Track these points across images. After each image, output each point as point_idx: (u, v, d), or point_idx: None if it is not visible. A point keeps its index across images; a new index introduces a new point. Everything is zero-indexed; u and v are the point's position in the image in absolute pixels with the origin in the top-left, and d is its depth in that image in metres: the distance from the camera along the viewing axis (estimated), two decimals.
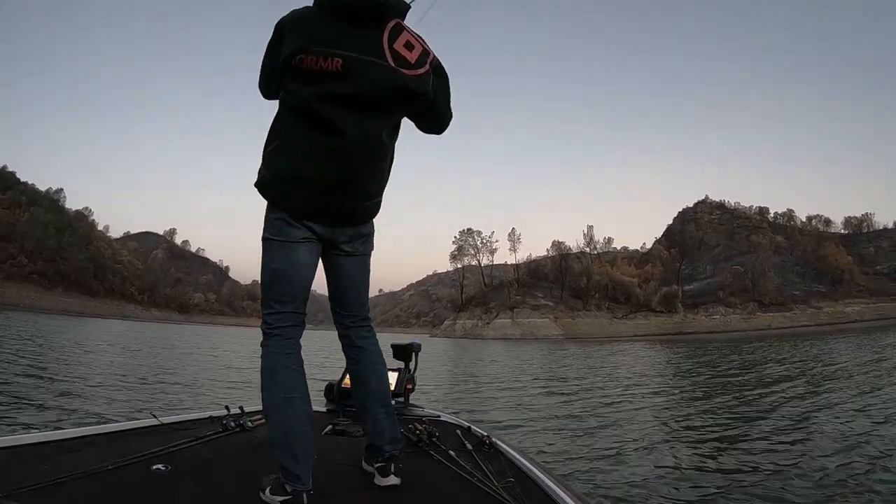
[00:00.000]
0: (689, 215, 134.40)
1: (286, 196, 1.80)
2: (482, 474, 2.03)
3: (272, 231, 1.83)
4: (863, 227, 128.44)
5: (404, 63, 1.79)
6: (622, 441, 6.36)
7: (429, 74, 1.85)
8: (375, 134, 1.81)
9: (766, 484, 4.56)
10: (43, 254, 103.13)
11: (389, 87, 1.77)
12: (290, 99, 1.79)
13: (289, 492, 1.65)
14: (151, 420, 2.52)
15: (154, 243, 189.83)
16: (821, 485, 4.51)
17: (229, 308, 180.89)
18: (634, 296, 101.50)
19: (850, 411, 8.11)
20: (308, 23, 1.77)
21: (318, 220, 1.83)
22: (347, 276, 2.01)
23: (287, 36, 1.77)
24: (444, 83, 1.95)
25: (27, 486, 1.54)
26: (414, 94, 1.83)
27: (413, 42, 1.82)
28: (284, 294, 1.84)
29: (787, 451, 5.70)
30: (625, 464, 5.30)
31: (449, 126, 2.10)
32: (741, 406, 9.12)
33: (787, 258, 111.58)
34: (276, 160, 1.81)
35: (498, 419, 7.97)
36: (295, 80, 1.77)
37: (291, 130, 1.79)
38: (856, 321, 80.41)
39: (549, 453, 5.69)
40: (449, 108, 2.03)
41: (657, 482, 4.68)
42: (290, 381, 1.78)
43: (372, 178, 1.88)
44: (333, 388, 3.20)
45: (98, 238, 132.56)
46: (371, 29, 1.78)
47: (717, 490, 4.46)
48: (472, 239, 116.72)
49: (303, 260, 1.85)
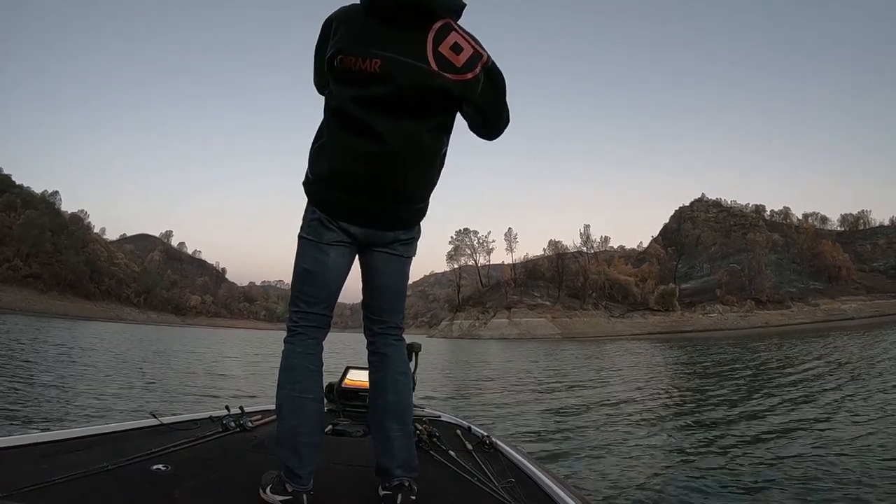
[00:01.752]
0: (685, 214, 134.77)
1: (324, 195, 1.78)
2: (482, 474, 2.03)
3: (307, 230, 1.81)
4: (859, 225, 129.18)
5: (448, 66, 1.70)
6: (622, 441, 6.35)
7: (477, 79, 1.73)
8: (415, 137, 1.74)
9: (768, 483, 4.56)
10: (39, 257, 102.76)
11: (428, 91, 1.69)
12: (332, 101, 1.77)
13: (289, 491, 1.64)
14: (151, 420, 2.50)
15: (150, 246, 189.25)
16: (822, 484, 4.50)
17: (226, 310, 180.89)
18: (631, 295, 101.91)
19: (854, 407, 8.14)
20: (353, 21, 1.72)
21: (356, 222, 1.79)
22: (382, 277, 1.92)
23: (333, 34, 1.73)
24: (495, 88, 1.81)
25: (27, 486, 1.53)
26: (457, 99, 1.75)
27: (462, 44, 1.72)
28: (311, 295, 1.81)
29: (789, 451, 5.68)
30: (625, 463, 5.29)
31: (503, 132, 1.96)
32: (742, 404, 9.13)
33: (784, 256, 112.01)
34: (316, 160, 1.79)
35: (498, 419, 7.95)
36: (336, 80, 1.75)
37: (331, 132, 1.76)
38: (853, 318, 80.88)
39: (549, 453, 5.67)
40: (501, 114, 1.89)
41: (658, 482, 4.67)
42: (306, 381, 1.76)
43: (413, 181, 1.81)
44: (333, 388, 3.20)
45: (94, 241, 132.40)
46: (414, 30, 1.70)
47: (718, 489, 4.44)
48: (469, 239, 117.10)
49: (334, 262, 1.81)
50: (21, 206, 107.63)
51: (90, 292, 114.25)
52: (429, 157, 1.82)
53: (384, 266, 1.90)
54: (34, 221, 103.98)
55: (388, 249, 1.88)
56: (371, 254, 1.89)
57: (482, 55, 1.75)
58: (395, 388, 1.88)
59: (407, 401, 1.91)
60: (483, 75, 1.75)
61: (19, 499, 1.46)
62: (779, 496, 4.25)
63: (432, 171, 1.86)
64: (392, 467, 1.78)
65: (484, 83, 1.76)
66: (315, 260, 1.80)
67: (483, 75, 1.75)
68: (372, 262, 1.90)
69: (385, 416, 1.84)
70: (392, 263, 1.91)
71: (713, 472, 4.97)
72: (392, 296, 1.95)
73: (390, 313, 1.95)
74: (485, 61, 1.75)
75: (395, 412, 1.85)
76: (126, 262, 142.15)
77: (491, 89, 1.80)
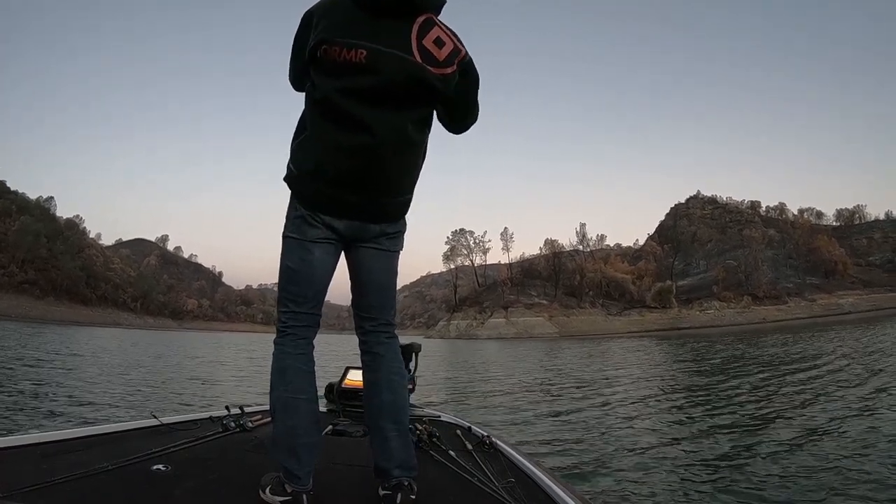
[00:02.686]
0: (681, 211, 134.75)
1: (308, 190, 1.77)
2: (482, 475, 2.02)
3: (290, 228, 1.80)
4: (855, 219, 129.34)
5: (431, 60, 1.72)
6: (623, 440, 6.35)
7: (455, 74, 1.77)
8: (401, 129, 1.74)
9: (769, 483, 4.54)
10: (34, 263, 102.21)
11: (413, 83, 1.71)
12: (315, 92, 1.74)
13: (289, 492, 1.64)
14: (151, 420, 2.51)
15: (146, 250, 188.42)
16: (823, 483, 4.48)
17: (223, 314, 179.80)
18: (628, 292, 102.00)
19: (857, 404, 8.14)
20: (335, 12, 1.71)
21: (341, 216, 1.78)
22: (370, 273, 1.90)
23: (314, 26, 1.71)
24: (469, 84, 1.86)
25: (27, 486, 1.53)
26: (438, 92, 1.76)
27: (444, 38, 1.75)
28: (298, 294, 1.80)
29: (790, 449, 5.67)
30: (626, 463, 5.28)
31: (470, 128, 2.01)
32: (742, 402, 9.12)
33: (780, 251, 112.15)
34: (300, 154, 1.78)
35: (498, 419, 7.95)
36: (319, 72, 1.73)
37: (315, 124, 1.75)
38: (850, 313, 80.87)
39: (549, 453, 5.66)
40: (471, 110, 1.95)
41: (658, 481, 4.65)
42: (299, 381, 1.75)
43: (398, 174, 1.81)
44: (333, 388, 3.19)
45: (90, 246, 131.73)
46: (400, 22, 1.71)
47: (719, 489, 4.43)
48: (465, 239, 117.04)
49: (319, 260, 1.80)
50: (16, 212, 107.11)
51: (86, 298, 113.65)
52: (414, 149, 1.82)
53: (371, 262, 1.89)
54: (29, 227, 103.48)
55: (375, 244, 1.87)
56: (357, 250, 1.87)
57: (461, 51, 1.77)
58: (389, 387, 1.86)
59: (403, 400, 1.89)
60: (460, 71, 1.78)
61: (19, 499, 1.46)
62: (782, 495, 4.25)
63: (417, 164, 1.86)
64: (390, 467, 1.77)
65: (459, 79, 1.79)
66: (300, 259, 1.78)
67: (460, 71, 1.78)
68: (358, 258, 1.88)
69: (381, 416, 1.83)
70: (379, 258, 1.89)
71: (713, 471, 4.96)
72: (381, 292, 1.93)
73: (380, 310, 1.93)
74: (462, 56, 1.77)
75: (390, 412, 1.83)
76: (122, 266, 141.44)
77: (465, 85, 1.83)
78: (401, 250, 1.96)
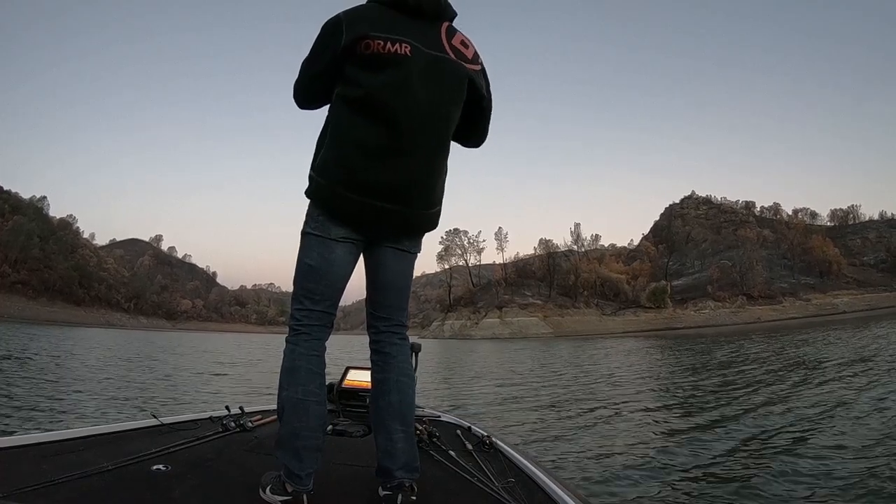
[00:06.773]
0: (675, 211, 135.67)
1: (338, 201, 1.71)
2: (482, 474, 2.01)
3: (312, 225, 1.76)
4: (849, 219, 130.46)
5: (463, 57, 1.78)
6: (622, 440, 6.34)
7: (483, 72, 1.85)
8: (442, 132, 1.77)
9: (769, 482, 4.53)
10: (27, 263, 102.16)
11: (456, 80, 1.76)
12: (355, 91, 1.69)
13: (289, 492, 1.63)
14: (151, 420, 2.49)
15: (140, 250, 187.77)
16: (824, 483, 4.49)
17: (217, 314, 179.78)
18: (623, 292, 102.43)
19: (856, 403, 8.14)
20: (371, 12, 1.72)
21: (373, 225, 1.76)
22: (389, 274, 1.87)
23: (345, 30, 1.67)
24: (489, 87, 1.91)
25: (27, 486, 1.53)
26: (477, 89, 1.82)
27: (466, 41, 1.83)
28: (315, 292, 1.75)
29: (790, 448, 5.67)
30: (626, 463, 5.26)
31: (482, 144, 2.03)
32: (741, 401, 9.11)
33: (775, 251, 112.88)
34: (330, 162, 1.72)
35: (497, 419, 7.94)
36: (360, 68, 1.68)
37: (348, 127, 1.70)
38: (844, 312, 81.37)
39: (549, 453, 5.65)
40: (489, 121, 1.96)
41: (658, 481, 4.64)
42: (310, 384, 1.71)
43: (435, 180, 1.80)
44: (333, 388, 3.17)
45: (83, 246, 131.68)
46: (431, 24, 1.77)
47: (719, 489, 4.42)
48: (459, 239, 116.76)
49: (339, 259, 1.76)
50: (9, 211, 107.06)
51: (80, 298, 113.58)
52: (446, 157, 1.83)
53: (392, 263, 1.86)
54: (22, 227, 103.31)
55: (397, 245, 1.84)
56: (378, 249, 1.84)
57: (479, 56, 1.86)
58: (398, 388, 1.83)
59: (410, 402, 1.86)
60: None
61: (19, 499, 1.45)
62: (782, 495, 4.25)
63: (445, 169, 1.86)
64: (394, 468, 1.74)
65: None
66: (320, 256, 1.74)
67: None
68: (379, 258, 1.85)
69: (388, 417, 1.80)
70: (400, 260, 1.87)
71: (713, 471, 4.95)
72: (398, 293, 1.91)
73: (396, 310, 1.90)
74: (481, 61, 1.87)
75: (398, 413, 1.80)
76: (116, 267, 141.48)
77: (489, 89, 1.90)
78: (419, 252, 1.95)
